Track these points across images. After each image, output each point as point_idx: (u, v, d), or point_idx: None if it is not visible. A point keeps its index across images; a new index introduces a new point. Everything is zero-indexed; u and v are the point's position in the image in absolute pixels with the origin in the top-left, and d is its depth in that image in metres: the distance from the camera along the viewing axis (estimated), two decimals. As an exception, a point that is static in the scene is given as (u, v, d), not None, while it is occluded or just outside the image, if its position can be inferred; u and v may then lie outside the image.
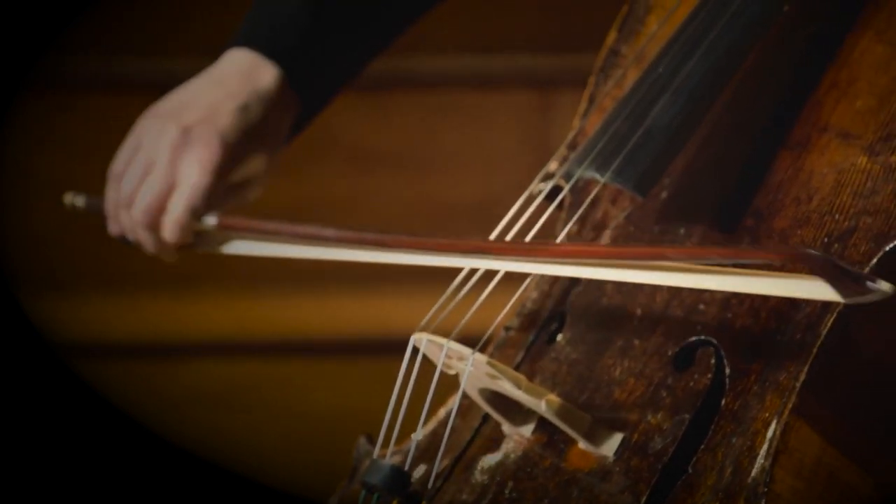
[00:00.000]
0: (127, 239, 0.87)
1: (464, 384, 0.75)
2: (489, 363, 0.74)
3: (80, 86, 2.17)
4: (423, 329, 0.78)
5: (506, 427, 0.83)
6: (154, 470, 2.10)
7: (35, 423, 2.08)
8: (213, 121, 0.77)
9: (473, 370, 0.76)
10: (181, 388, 2.17)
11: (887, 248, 0.71)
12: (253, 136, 0.82)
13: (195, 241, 0.85)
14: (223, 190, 0.82)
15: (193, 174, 0.77)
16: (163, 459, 2.07)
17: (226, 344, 2.22)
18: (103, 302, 2.18)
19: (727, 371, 0.75)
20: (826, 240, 0.74)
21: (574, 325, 0.87)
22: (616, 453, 0.77)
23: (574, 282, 0.87)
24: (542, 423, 0.81)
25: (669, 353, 0.79)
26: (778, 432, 0.70)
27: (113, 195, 0.83)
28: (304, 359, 2.19)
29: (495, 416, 0.83)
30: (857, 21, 0.82)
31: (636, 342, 0.82)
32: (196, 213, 0.83)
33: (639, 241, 0.87)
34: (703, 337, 0.77)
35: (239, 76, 0.83)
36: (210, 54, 0.91)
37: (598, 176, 0.81)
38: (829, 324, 0.71)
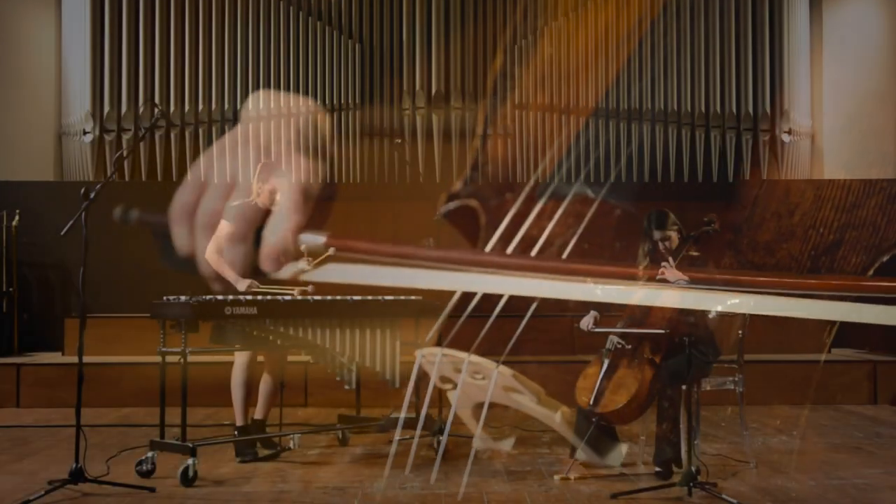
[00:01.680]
0: None
1: (489, 397, 0.71)
2: (514, 376, 0.70)
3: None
4: (429, 344, 0.72)
5: (478, 442, 0.80)
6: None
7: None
8: None
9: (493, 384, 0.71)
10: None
11: (884, 260, 0.75)
12: None
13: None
14: None
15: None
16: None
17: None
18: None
19: None
20: (813, 253, 0.78)
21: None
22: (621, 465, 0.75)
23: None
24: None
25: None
26: None
27: None
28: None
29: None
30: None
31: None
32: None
33: (598, 257, 0.86)
34: None
35: None
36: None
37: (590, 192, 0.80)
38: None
